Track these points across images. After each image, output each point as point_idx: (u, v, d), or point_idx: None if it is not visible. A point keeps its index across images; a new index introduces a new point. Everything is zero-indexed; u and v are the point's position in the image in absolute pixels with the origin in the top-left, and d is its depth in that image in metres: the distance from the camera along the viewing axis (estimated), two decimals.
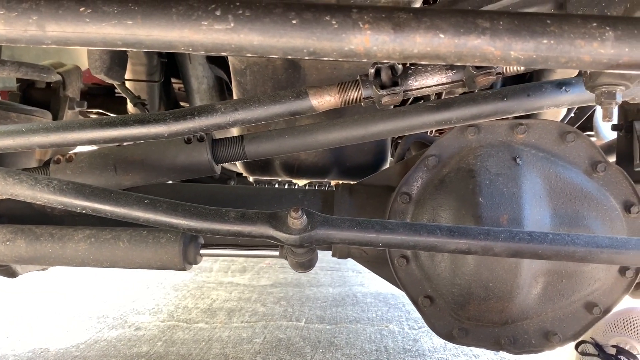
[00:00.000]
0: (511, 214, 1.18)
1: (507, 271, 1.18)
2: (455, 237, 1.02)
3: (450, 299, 1.26)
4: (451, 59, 0.57)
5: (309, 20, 0.55)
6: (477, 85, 0.95)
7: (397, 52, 0.56)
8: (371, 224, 1.04)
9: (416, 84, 0.96)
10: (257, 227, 1.04)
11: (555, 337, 1.28)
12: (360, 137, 1.17)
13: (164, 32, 0.56)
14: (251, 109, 0.96)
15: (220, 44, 0.57)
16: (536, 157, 1.25)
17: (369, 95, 0.97)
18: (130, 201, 1.04)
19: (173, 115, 0.96)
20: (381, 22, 0.55)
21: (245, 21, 0.55)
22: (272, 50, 0.57)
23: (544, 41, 0.56)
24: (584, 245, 1.02)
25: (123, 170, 1.20)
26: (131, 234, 1.15)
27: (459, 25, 0.55)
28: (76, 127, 0.97)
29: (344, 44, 0.56)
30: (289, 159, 1.60)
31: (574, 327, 1.28)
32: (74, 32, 0.56)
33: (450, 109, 1.11)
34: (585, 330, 1.29)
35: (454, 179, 1.24)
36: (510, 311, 1.24)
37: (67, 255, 1.16)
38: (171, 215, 1.04)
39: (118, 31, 0.56)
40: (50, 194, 1.04)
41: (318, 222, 1.04)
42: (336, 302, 3.46)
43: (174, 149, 1.19)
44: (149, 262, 1.14)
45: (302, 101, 0.97)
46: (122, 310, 3.04)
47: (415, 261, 1.29)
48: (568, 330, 1.28)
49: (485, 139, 1.26)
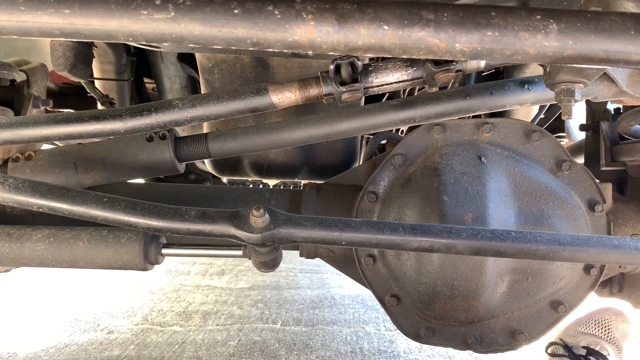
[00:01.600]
0: (476, 212, 1.18)
1: (472, 269, 1.18)
2: (418, 235, 1.02)
3: (417, 297, 1.26)
4: (396, 51, 0.56)
5: (251, 10, 0.54)
6: (437, 83, 0.94)
7: (341, 43, 0.55)
8: (334, 222, 1.03)
9: (377, 80, 0.95)
10: (219, 226, 1.03)
11: (521, 335, 1.28)
12: (325, 135, 1.16)
13: (102, 21, 0.54)
14: (210, 105, 0.95)
15: (161, 34, 0.55)
16: (501, 155, 1.25)
17: (330, 92, 0.97)
18: (89, 199, 1.02)
19: (129, 111, 0.94)
20: (325, 13, 0.54)
21: (186, 10, 0.54)
22: (214, 41, 0.56)
23: (488, 33, 0.55)
24: (546, 243, 1.02)
25: (84, 168, 1.18)
26: (91, 234, 1.12)
27: (403, 17, 0.54)
28: (30, 123, 0.95)
29: (287, 35, 0.55)
30: (258, 159, 1.58)
31: (540, 326, 1.29)
32: (9, 21, 0.54)
33: (414, 107, 1.10)
34: (551, 328, 1.29)
35: (420, 177, 1.24)
36: (476, 310, 1.24)
37: (24, 255, 1.13)
38: (130, 214, 1.02)
39: (55, 20, 0.54)
40: (5, 192, 1.02)
41: (281, 220, 1.03)
42: (314, 304, 3.44)
43: (136, 147, 1.17)
44: (109, 262, 1.12)
45: (262, 97, 0.96)
46: (95, 314, 2.99)
47: (381, 260, 1.28)
48: (534, 328, 1.29)
49: (451, 138, 1.26)
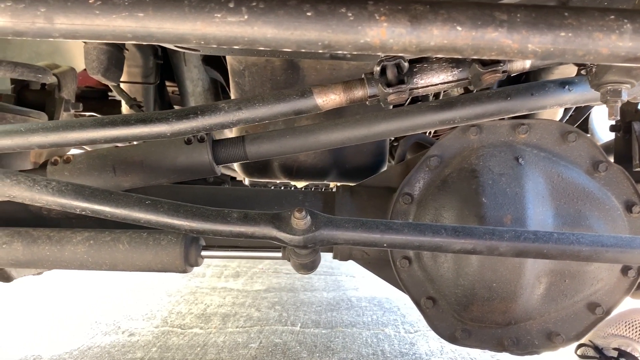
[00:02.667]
0: (515, 213, 1.17)
1: (511, 271, 1.18)
2: (461, 237, 1.01)
3: (453, 300, 1.25)
4: (468, 52, 0.56)
5: (324, 12, 0.54)
6: (482, 83, 0.94)
7: (413, 44, 0.55)
8: (375, 224, 1.03)
9: (422, 82, 0.95)
10: (260, 228, 1.03)
11: (558, 337, 1.27)
12: (362, 137, 1.16)
13: (176, 24, 0.55)
14: (255, 107, 0.95)
15: (234, 37, 0.55)
16: (538, 157, 1.25)
17: (374, 93, 0.96)
18: (131, 202, 1.02)
19: (175, 115, 0.94)
20: (398, 14, 0.54)
21: (259, 13, 0.54)
22: (285, 44, 0.56)
23: (561, 34, 0.55)
24: (589, 245, 1.02)
25: (122, 171, 1.18)
26: (131, 236, 1.13)
27: (476, 18, 0.54)
28: (76, 126, 0.95)
29: (359, 37, 0.55)
30: (288, 161, 1.58)
31: (577, 328, 1.28)
32: (83, 24, 0.55)
33: (453, 109, 1.10)
34: (588, 330, 1.29)
35: (457, 179, 1.24)
36: (513, 312, 1.24)
37: (65, 258, 1.13)
38: (173, 216, 1.02)
39: (128, 24, 0.55)
40: (49, 195, 1.02)
41: (322, 222, 1.03)
42: (331, 307, 3.44)
43: (174, 150, 1.18)
44: (149, 264, 1.12)
45: (307, 100, 0.96)
46: (115, 316, 3.00)
47: (417, 262, 1.28)
48: (571, 330, 1.28)
49: (487, 139, 1.26)
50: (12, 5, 0.54)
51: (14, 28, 0.55)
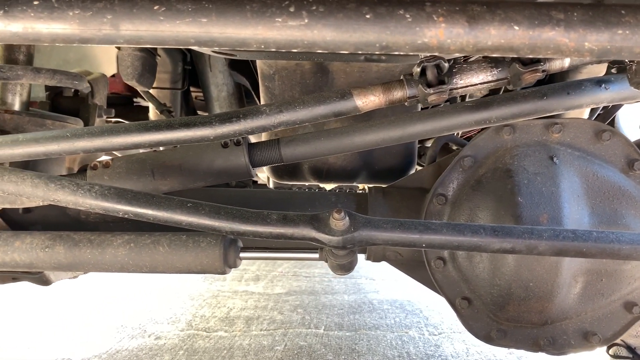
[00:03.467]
0: (551, 213, 1.17)
1: (548, 271, 1.17)
2: (500, 237, 1.02)
3: (489, 300, 1.25)
4: (524, 51, 0.57)
5: (382, 15, 0.55)
6: (522, 83, 0.94)
7: (470, 44, 0.56)
8: (414, 224, 1.03)
9: (461, 82, 0.96)
10: (300, 229, 1.04)
11: (594, 337, 1.26)
12: (397, 138, 1.17)
13: (237, 29, 0.56)
14: (296, 110, 0.96)
15: (293, 41, 0.57)
16: (572, 156, 1.24)
17: (414, 94, 0.97)
18: (173, 205, 1.04)
19: (219, 118, 0.96)
20: (456, 15, 0.55)
21: (319, 17, 0.56)
22: (344, 46, 0.57)
23: (618, 32, 0.56)
24: (629, 243, 1.02)
25: (160, 175, 1.20)
26: (171, 239, 1.14)
27: (533, 17, 0.55)
28: (121, 131, 0.97)
29: (417, 38, 0.56)
30: (318, 163, 1.59)
31: (614, 327, 1.27)
32: (148, 30, 0.56)
33: (489, 109, 1.10)
34: (625, 330, 1.28)
35: (491, 179, 1.24)
36: (549, 311, 1.23)
37: (106, 261, 1.15)
38: (214, 218, 1.04)
39: (192, 29, 0.56)
40: (92, 199, 1.04)
41: (360, 223, 1.04)
42: (353, 310, 3.44)
43: (212, 153, 1.19)
44: (189, 266, 1.14)
45: (347, 102, 0.97)
46: (140, 320, 3.03)
47: (452, 263, 1.28)
48: (607, 330, 1.27)
49: (521, 139, 1.26)
50: (80, 14, 0.56)
51: (80, 35, 0.57)
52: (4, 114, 1.22)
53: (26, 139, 1.00)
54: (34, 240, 1.18)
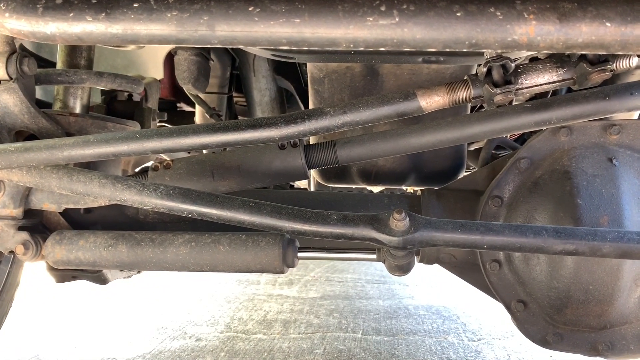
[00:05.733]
0: (611, 215, 1.16)
1: (609, 274, 1.16)
2: (563, 238, 1.01)
3: (546, 303, 1.24)
4: (615, 47, 0.57)
5: (473, 13, 0.56)
6: (589, 83, 0.94)
7: (560, 41, 0.56)
8: (475, 225, 1.04)
9: (527, 82, 0.96)
10: (360, 229, 1.05)
11: None
12: (455, 139, 1.17)
13: (329, 29, 0.58)
14: (360, 111, 0.97)
15: (383, 39, 0.58)
16: (632, 157, 1.23)
17: (478, 94, 0.98)
18: (236, 204, 1.06)
19: (284, 120, 0.98)
20: (546, 13, 0.56)
21: (410, 15, 0.57)
22: (433, 44, 0.58)
23: None
24: None
25: (220, 176, 1.23)
26: (230, 238, 1.17)
27: (626, 14, 0.55)
28: (190, 132, 1.00)
29: (507, 35, 0.57)
30: (367, 166, 1.60)
31: None
32: (242, 31, 0.58)
33: (550, 109, 1.10)
34: None
35: (549, 181, 1.23)
36: (609, 315, 1.22)
37: (168, 259, 1.18)
38: (276, 217, 1.05)
39: (285, 30, 0.58)
40: (157, 198, 1.07)
41: (421, 224, 1.04)
42: (389, 315, 3.43)
43: (270, 155, 1.21)
44: (248, 265, 1.16)
45: (410, 102, 0.98)
46: (180, 322, 3.07)
47: (508, 265, 1.28)
48: None
49: (578, 140, 1.25)
50: (178, 15, 0.58)
51: (177, 36, 0.59)
52: (69, 117, 1.26)
53: (97, 140, 1.03)
54: (97, 239, 1.21)
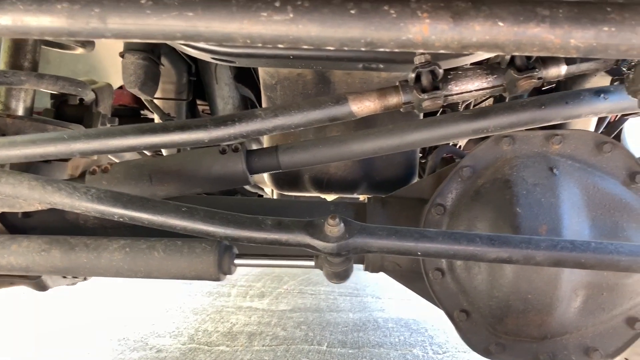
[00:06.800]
0: (550, 224, 1.15)
1: (547, 283, 1.15)
2: (496, 246, 1.00)
3: (488, 312, 1.23)
4: (510, 48, 0.57)
5: (367, 10, 0.56)
6: (518, 90, 0.94)
7: (455, 41, 0.56)
8: (409, 232, 1.03)
9: (456, 88, 0.96)
10: (294, 235, 1.04)
11: (595, 353, 1.24)
12: (395, 146, 1.17)
13: (223, 23, 0.56)
14: (291, 114, 0.96)
15: (278, 36, 0.57)
16: (573, 167, 1.23)
17: (409, 100, 0.97)
18: (168, 209, 1.04)
19: (213, 122, 0.96)
20: (440, 11, 0.55)
21: (304, 12, 0.56)
22: (329, 42, 0.57)
23: (604, 29, 0.55)
24: (628, 254, 1.00)
25: (158, 180, 1.20)
26: (166, 244, 1.14)
27: (518, 14, 0.55)
28: (118, 133, 0.98)
29: (401, 34, 0.56)
30: (319, 173, 1.59)
31: (616, 343, 1.24)
32: (135, 24, 0.57)
33: (487, 118, 1.10)
34: (627, 346, 1.25)
35: (490, 189, 1.23)
36: (549, 325, 1.21)
37: (102, 265, 1.15)
38: (208, 223, 1.03)
39: (178, 23, 0.57)
40: (88, 202, 1.04)
41: (356, 230, 1.03)
42: (357, 327, 3.41)
43: (210, 159, 1.20)
44: (183, 272, 1.13)
45: (342, 107, 0.97)
46: (143, 333, 3.02)
47: (450, 274, 1.27)
48: (609, 346, 1.24)
49: (521, 150, 1.25)
50: (68, 7, 0.57)
51: (69, 29, 0.58)
52: (6, 118, 1.23)
53: (23, 140, 1.01)
54: (31, 243, 1.18)
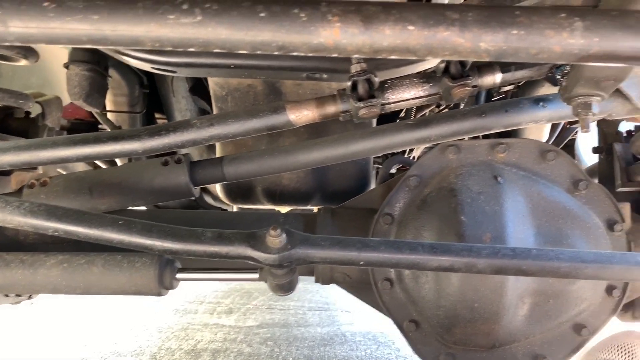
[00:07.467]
0: (494, 232, 1.16)
1: (493, 291, 1.15)
2: (438, 254, 1.00)
3: (436, 322, 1.23)
4: (421, 52, 0.56)
5: (277, 13, 0.55)
6: (453, 98, 0.94)
7: (367, 45, 0.55)
8: (352, 242, 1.02)
9: (393, 97, 0.96)
10: (235, 247, 1.01)
11: None
12: (341, 156, 1.16)
13: (130, 26, 0.55)
14: (227, 123, 0.95)
15: (188, 39, 0.56)
16: (517, 175, 1.24)
17: (347, 109, 0.97)
18: (104, 222, 1.01)
19: (148, 132, 0.94)
20: (350, 15, 0.55)
21: (213, 15, 0.55)
22: (240, 45, 0.56)
23: (513, 32, 0.55)
24: (568, 261, 1.00)
25: (99, 193, 1.17)
26: (105, 259, 1.11)
27: (428, 17, 0.55)
28: (49, 145, 0.95)
29: (313, 37, 0.55)
30: (271, 185, 1.58)
31: (563, 350, 1.25)
32: (38, 28, 0.55)
33: (429, 127, 1.11)
34: (575, 352, 1.26)
35: (436, 198, 1.23)
36: (497, 334, 1.21)
37: (38, 281, 1.11)
38: (146, 236, 1.01)
39: (84, 27, 0.55)
40: (20, 216, 1.01)
41: (298, 240, 1.01)
42: (324, 342, 3.37)
43: (151, 172, 1.17)
44: (123, 287, 1.10)
45: (279, 115, 0.96)
46: (104, 352, 2.94)
47: (399, 284, 1.26)
48: (557, 353, 1.25)
49: (466, 159, 1.26)
50: None
51: None
52: None
53: None
54: None
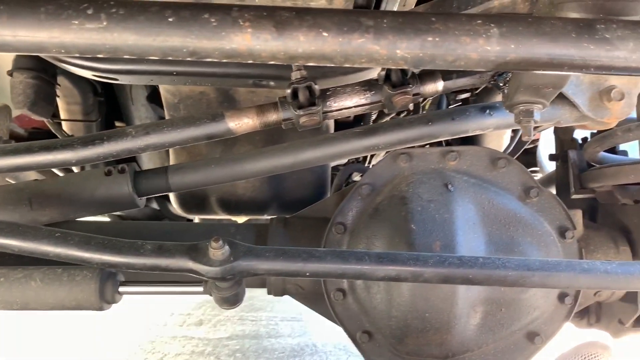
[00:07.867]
0: (444, 240, 1.15)
1: (443, 300, 1.14)
2: (384, 264, 0.98)
3: (389, 332, 1.21)
4: (337, 59, 0.55)
5: (186, 18, 0.53)
6: (395, 106, 0.93)
7: (281, 51, 0.54)
8: (298, 252, 1.00)
9: (335, 105, 0.95)
10: (175, 260, 0.99)
11: None
12: (290, 165, 1.14)
13: (31, 32, 0.53)
14: (164, 132, 0.92)
15: (94, 45, 0.53)
16: (468, 183, 1.24)
17: (289, 117, 0.95)
18: (40, 235, 0.97)
19: (81, 141, 0.91)
20: (262, 20, 0.53)
21: (119, 20, 0.53)
22: (149, 50, 0.54)
23: (429, 39, 0.54)
24: (515, 269, 1.00)
25: (39, 204, 1.14)
26: (44, 272, 1.07)
27: (342, 24, 0.53)
28: None
29: (224, 43, 0.53)
30: (226, 195, 1.55)
31: (517, 359, 1.24)
32: None
33: (377, 135, 1.10)
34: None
35: (388, 206, 1.22)
36: (450, 344, 1.20)
37: None
38: (83, 249, 0.97)
39: None
40: None
41: (241, 252, 0.99)
42: (294, 353, 3.34)
43: (93, 182, 1.14)
44: (62, 302, 1.06)
45: (219, 123, 0.94)
46: None
47: (352, 294, 1.24)
48: None
49: (418, 167, 1.25)
50: None
51: None
52: None
53: None
54: None
